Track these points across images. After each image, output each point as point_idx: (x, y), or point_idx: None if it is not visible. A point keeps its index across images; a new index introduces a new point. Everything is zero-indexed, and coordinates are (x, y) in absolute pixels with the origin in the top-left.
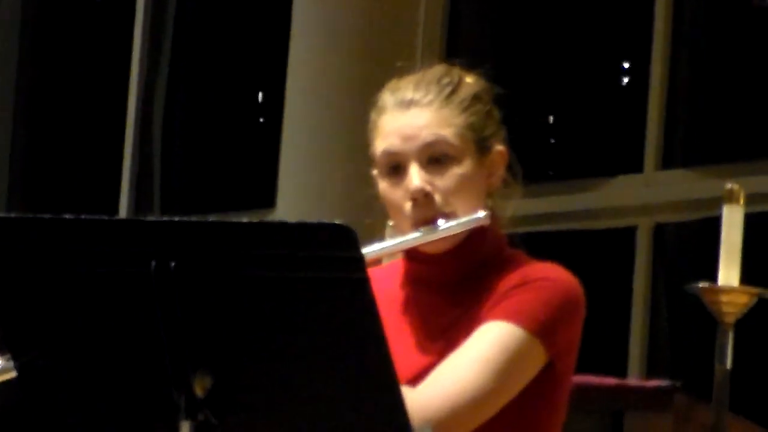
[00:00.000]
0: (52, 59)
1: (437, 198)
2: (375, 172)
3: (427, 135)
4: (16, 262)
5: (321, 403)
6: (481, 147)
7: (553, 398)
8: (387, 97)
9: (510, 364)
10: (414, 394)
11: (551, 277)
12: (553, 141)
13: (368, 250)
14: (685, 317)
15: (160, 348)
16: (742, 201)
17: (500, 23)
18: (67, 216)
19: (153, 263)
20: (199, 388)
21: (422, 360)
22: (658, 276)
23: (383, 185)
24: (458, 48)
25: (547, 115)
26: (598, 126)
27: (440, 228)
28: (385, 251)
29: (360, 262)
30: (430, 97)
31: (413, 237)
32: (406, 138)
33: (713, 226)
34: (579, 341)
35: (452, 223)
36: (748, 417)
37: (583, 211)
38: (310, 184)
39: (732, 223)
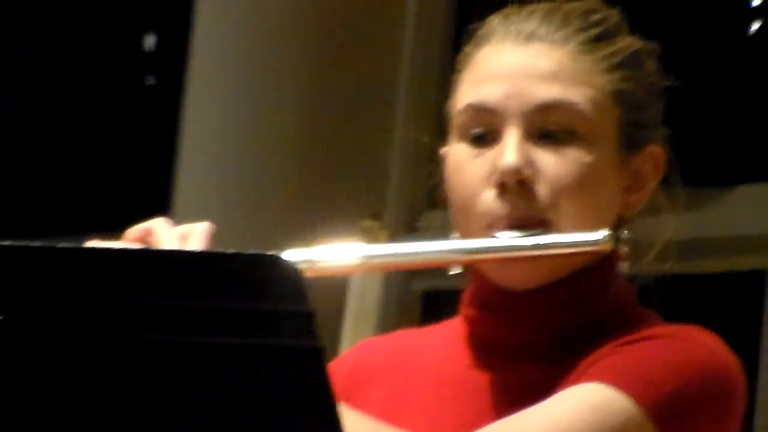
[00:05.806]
0: None
1: (540, 190)
2: (444, 148)
3: (546, 90)
4: None
5: None
6: (629, 136)
7: None
8: (496, 24)
9: None
10: None
11: (692, 337)
12: None
13: (405, 251)
14: None
15: None
16: None
17: None
18: None
19: None
20: None
21: None
22: None
23: (456, 155)
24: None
25: None
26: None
27: (530, 242)
28: (431, 261)
29: (311, 319)
30: (565, 31)
31: (481, 245)
32: (512, 88)
33: None
34: None
35: (551, 237)
36: None
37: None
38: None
39: None
